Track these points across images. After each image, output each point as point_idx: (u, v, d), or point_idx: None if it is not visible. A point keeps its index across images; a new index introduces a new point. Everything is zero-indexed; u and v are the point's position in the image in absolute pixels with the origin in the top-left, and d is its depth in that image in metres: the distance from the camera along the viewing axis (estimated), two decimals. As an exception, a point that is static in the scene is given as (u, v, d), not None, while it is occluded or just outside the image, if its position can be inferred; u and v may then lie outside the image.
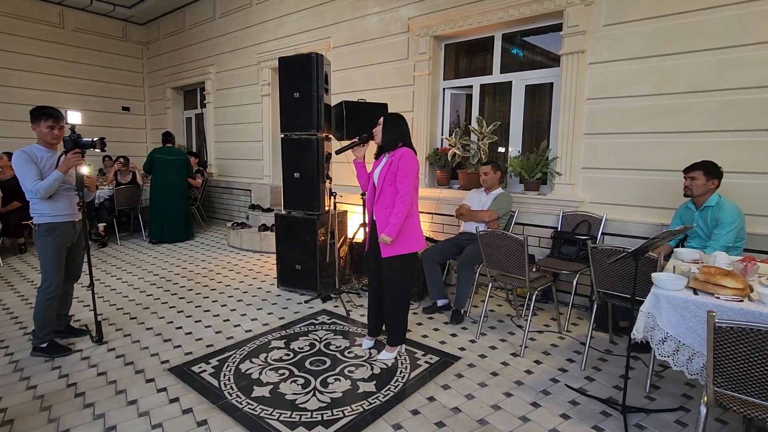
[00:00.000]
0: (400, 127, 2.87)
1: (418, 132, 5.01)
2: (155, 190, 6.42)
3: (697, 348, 1.92)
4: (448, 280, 4.57)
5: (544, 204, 4.17)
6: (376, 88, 5.36)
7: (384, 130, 2.86)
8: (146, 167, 6.45)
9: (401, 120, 2.89)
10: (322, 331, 3.41)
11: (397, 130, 2.85)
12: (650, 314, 2.04)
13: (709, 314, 1.63)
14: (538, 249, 4.20)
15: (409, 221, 2.83)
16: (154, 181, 6.42)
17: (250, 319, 3.67)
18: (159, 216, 6.48)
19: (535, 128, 4.57)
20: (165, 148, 6.53)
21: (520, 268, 3.09)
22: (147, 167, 6.44)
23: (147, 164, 6.43)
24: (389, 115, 2.92)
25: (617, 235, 3.80)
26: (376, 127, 2.90)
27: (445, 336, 3.38)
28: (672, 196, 3.45)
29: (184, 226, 6.69)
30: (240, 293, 4.33)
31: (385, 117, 2.89)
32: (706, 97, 3.35)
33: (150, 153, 6.49)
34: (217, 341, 3.23)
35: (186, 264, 5.41)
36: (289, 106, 4.17)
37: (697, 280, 2.01)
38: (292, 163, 4.24)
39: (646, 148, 3.65)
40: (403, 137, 2.86)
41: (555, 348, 3.20)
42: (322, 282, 4.23)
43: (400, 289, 2.90)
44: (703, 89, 3.36)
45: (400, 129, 2.86)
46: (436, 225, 4.93)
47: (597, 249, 2.72)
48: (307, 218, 4.21)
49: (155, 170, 6.40)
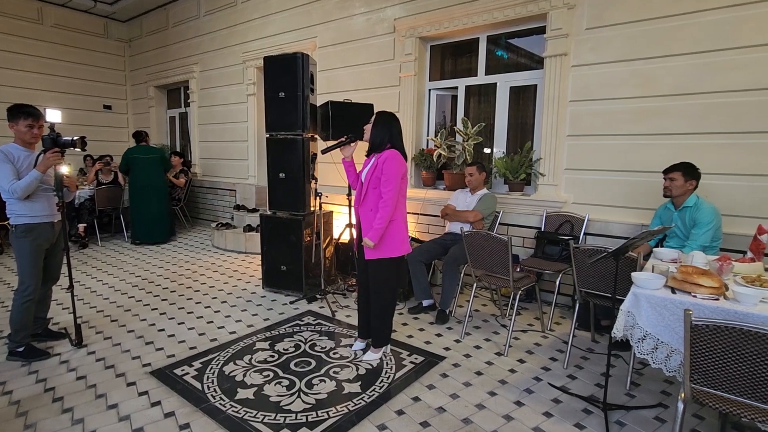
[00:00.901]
0: (391, 126, 2.81)
1: (405, 133, 4.89)
2: (134, 190, 6.29)
3: (675, 346, 1.96)
4: (434, 280, 4.59)
5: (528, 204, 4.21)
6: (363, 88, 5.36)
7: (374, 129, 2.80)
8: (122, 168, 6.34)
9: (393, 119, 2.84)
10: (308, 332, 3.40)
11: (388, 129, 2.79)
12: (630, 313, 2.08)
13: (686, 312, 1.67)
14: (522, 249, 4.24)
15: (393, 225, 2.79)
16: (133, 181, 6.29)
17: (234, 320, 3.64)
18: (140, 217, 6.36)
19: (519, 129, 4.62)
20: (140, 147, 6.38)
21: (504, 268, 3.12)
22: (123, 168, 6.32)
23: (123, 165, 6.31)
24: (381, 113, 2.86)
25: (599, 236, 3.86)
26: (367, 124, 2.85)
27: (431, 336, 3.39)
28: (652, 196, 3.52)
29: (166, 226, 6.57)
30: (224, 294, 4.29)
31: (377, 115, 2.84)
32: (687, 100, 3.42)
33: (124, 153, 6.34)
34: (201, 343, 3.20)
35: (169, 265, 5.34)
36: (275, 106, 4.15)
37: (675, 279, 2.06)
38: (278, 163, 4.21)
39: (628, 150, 3.71)
40: (392, 138, 2.80)
41: (538, 347, 3.24)
42: (307, 283, 4.21)
43: (385, 291, 2.90)
44: (684, 92, 3.43)
45: (391, 129, 2.80)
46: (422, 225, 4.95)
47: (579, 249, 2.76)
48: (293, 219, 4.19)
49: (132, 171, 6.26)
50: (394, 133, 2.82)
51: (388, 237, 2.79)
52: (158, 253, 5.98)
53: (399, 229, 2.83)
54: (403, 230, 2.86)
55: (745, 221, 3.19)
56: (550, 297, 3.97)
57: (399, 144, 2.83)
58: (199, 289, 4.46)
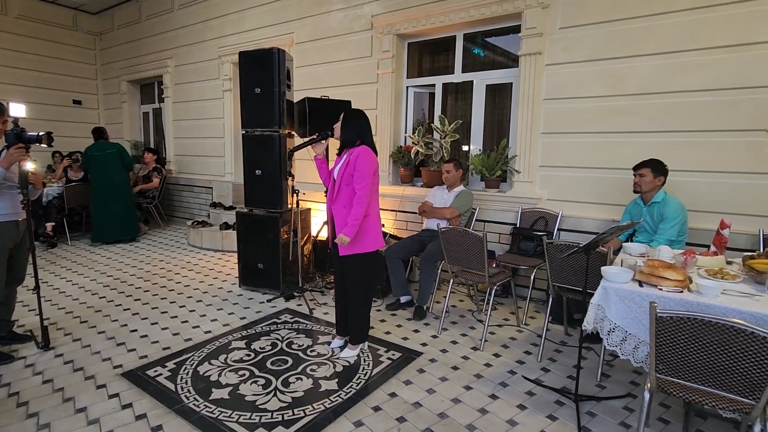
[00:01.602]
0: (360, 123, 2.82)
1: (382, 130, 5.02)
2: (95, 189, 6.04)
3: (642, 337, 2.02)
4: (412, 276, 4.61)
5: (504, 201, 4.27)
6: (341, 85, 5.32)
7: (343, 127, 2.81)
8: (84, 167, 6.21)
9: (361, 116, 2.85)
10: (285, 330, 3.37)
11: (357, 126, 2.80)
12: (600, 306, 2.13)
13: (651, 305, 1.71)
14: (498, 245, 4.30)
15: (366, 220, 2.80)
16: (93, 179, 6.07)
17: (209, 319, 3.58)
18: (100, 216, 6.09)
19: (495, 127, 4.67)
20: (98, 143, 6.15)
21: (480, 264, 3.15)
22: (84, 167, 6.21)
23: (84, 164, 6.19)
24: (349, 110, 2.89)
25: (573, 231, 3.94)
26: (337, 123, 2.86)
27: (408, 332, 3.41)
28: (623, 193, 3.61)
29: (127, 223, 6.31)
30: (200, 293, 4.22)
31: (345, 113, 2.86)
32: (653, 99, 3.52)
33: (84, 152, 6.20)
34: (175, 343, 3.14)
35: (142, 264, 5.22)
36: (250, 102, 4.09)
37: (642, 272, 2.11)
38: (254, 160, 4.16)
39: (600, 147, 3.79)
40: (362, 134, 2.81)
41: (513, 341, 3.29)
42: (285, 281, 4.18)
43: (362, 287, 2.90)
44: (650, 91, 3.52)
45: (360, 125, 2.81)
46: (400, 222, 4.96)
47: (552, 244, 2.81)
48: (270, 216, 4.15)
49: (92, 169, 6.06)
50: (364, 130, 2.83)
51: (361, 232, 2.79)
52: (131, 252, 5.83)
53: (372, 225, 2.83)
54: (376, 225, 2.86)
55: (709, 216, 3.30)
56: (525, 292, 4.04)
57: (369, 140, 2.84)
58: (174, 288, 4.38)
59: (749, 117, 3.19)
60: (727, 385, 1.68)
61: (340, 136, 2.83)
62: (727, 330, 1.60)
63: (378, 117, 5.03)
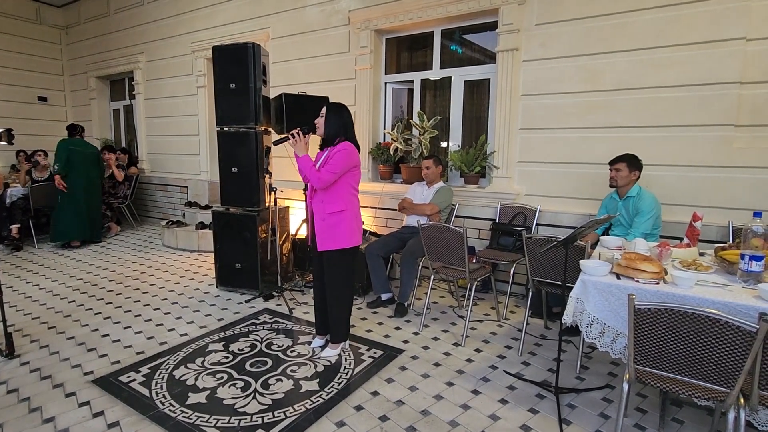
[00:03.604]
0: (343, 117, 2.79)
1: (361, 126, 4.98)
2: (71, 184, 5.70)
3: (620, 329, 2.05)
4: (392, 273, 4.60)
5: (483, 197, 4.29)
6: (318, 81, 5.26)
7: (327, 122, 2.77)
8: (61, 159, 5.60)
9: (343, 110, 2.82)
10: (264, 331, 3.32)
11: (340, 121, 2.78)
12: (579, 299, 2.15)
13: (630, 297, 1.74)
14: (478, 241, 4.32)
15: (344, 216, 2.78)
16: (71, 175, 5.69)
17: (186, 322, 3.50)
18: (68, 213, 5.75)
19: (474, 123, 4.69)
20: (78, 140, 5.87)
21: (460, 259, 3.16)
22: (63, 159, 5.61)
23: (62, 157, 5.60)
24: (332, 104, 2.84)
25: (550, 226, 3.99)
26: (318, 118, 2.82)
27: (390, 330, 3.40)
28: (599, 187, 3.67)
29: (96, 225, 6.14)
30: (175, 295, 4.12)
31: (328, 106, 2.81)
32: (628, 95, 3.58)
33: (61, 145, 5.67)
34: (149, 347, 3.05)
35: (115, 266, 5.06)
36: (225, 98, 4.01)
37: (619, 265, 2.15)
38: (230, 157, 4.08)
39: (576, 143, 3.84)
40: (345, 129, 2.79)
41: (494, 336, 3.31)
42: (263, 280, 4.11)
43: (341, 284, 2.87)
44: (626, 87, 3.58)
45: (343, 120, 2.79)
46: (380, 219, 4.94)
47: (531, 239, 2.84)
48: (247, 215, 4.08)
49: (72, 163, 5.69)
50: (347, 124, 2.81)
51: (338, 228, 2.77)
52: (102, 254, 5.65)
53: (350, 220, 2.81)
54: (354, 222, 2.84)
55: (682, 209, 3.38)
56: (505, 287, 4.07)
57: (352, 135, 2.82)
58: (148, 290, 4.26)
59: (719, 112, 3.28)
60: (702, 374, 1.71)
61: (324, 132, 2.79)
62: (702, 320, 1.63)
63: (356, 113, 4.99)
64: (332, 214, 2.76)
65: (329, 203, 2.76)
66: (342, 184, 2.76)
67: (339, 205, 2.77)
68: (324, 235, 2.79)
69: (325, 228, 2.78)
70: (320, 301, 3.02)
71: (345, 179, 2.77)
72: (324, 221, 2.77)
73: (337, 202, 2.76)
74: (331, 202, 2.76)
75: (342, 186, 2.77)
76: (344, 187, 2.78)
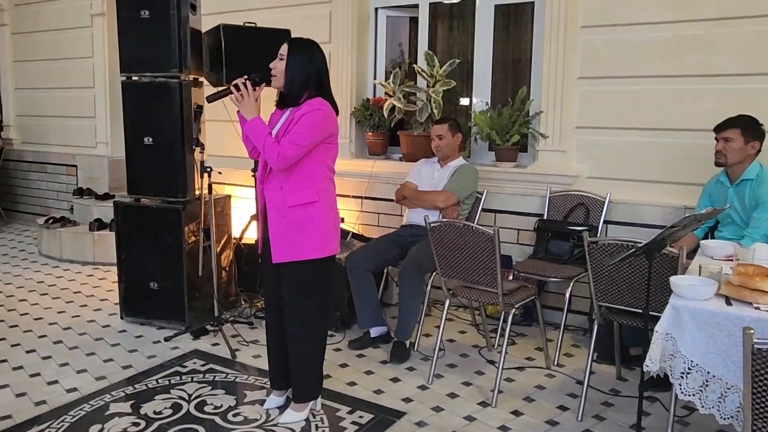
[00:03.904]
0: (314, 60, 2.78)
1: (338, 75, 4.96)
2: None
3: (732, 381, 2.03)
4: (387, 297, 4.60)
5: (524, 180, 4.29)
6: (274, 6, 5.27)
7: (288, 66, 2.75)
8: None
9: (314, 49, 2.81)
10: (193, 384, 3.31)
11: (309, 66, 2.76)
12: (669, 335, 2.13)
13: (746, 332, 1.71)
14: (517, 247, 4.32)
15: (315, 210, 2.77)
16: None
17: (74, 371, 3.49)
18: None
19: (510, 69, 4.70)
20: None
21: (489, 276, 3.14)
22: None
23: None
24: (296, 41, 2.84)
25: (626, 224, 3.99)
26: (276, 60, 2.79)
27: (383, 382, 3.39)
28: (699, 166, 3.65)
29: None
30: (59, 330, 4.11)
31: (291, 44, 2.79)
32: (741, 27, 3.57)
33: None
34: (19, 410, 3.02)
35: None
36: (134, 32, 4.01)
37: (730, 284, 2.12)
38: (141, 122, 4.08)
39: (664, 99, 3.84)
40: (318, 78, 2.78)
41: (541, 391, 3.30)
42: (192, 308, 4.11)
43: (309, 314, 2.86)
44: (736, 15, 3.56)
45: (314, 64, 2.77)
46: (367, 215, 4.95)
47: (597, 244, 2.82)
48: (167, 208, 4.08)
49: None
50: (320, 72, 2.79)
51: (306, 229, 2.76)
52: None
53: (323, 218, 2.80)
54: (329, 219, 2.85)
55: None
56: (557, 317, 4.06)
57: (326, 89, 2.82)
58: (18, 322, 4.25)
59: None
60: None
61: (284, 83, 2.76)
62: None
63: (332, 55, 4.96)
64: (296, 207, 2.75)
65: (292, 191, 2.74)
66: (312, 162, 2.75)
67: (307, 195, 2.76)
68: (283, 239, 2.77)
69: (286, 229, 2.76)
70: (277, 340, 3.00)
71: (317, 155, 2.76)
72: (284, 218, 2.76)
73: (305, 190, 2.75)
74: (294, 189, 2.74)
75: (311, 165, 2.76)
76: (315, 167, 2.77)
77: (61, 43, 7.03)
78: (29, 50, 7.37)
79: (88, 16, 6.68)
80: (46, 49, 7.19)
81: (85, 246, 5.88)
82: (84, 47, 6.81)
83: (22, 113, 7.61)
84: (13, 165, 7.72)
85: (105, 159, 6.80)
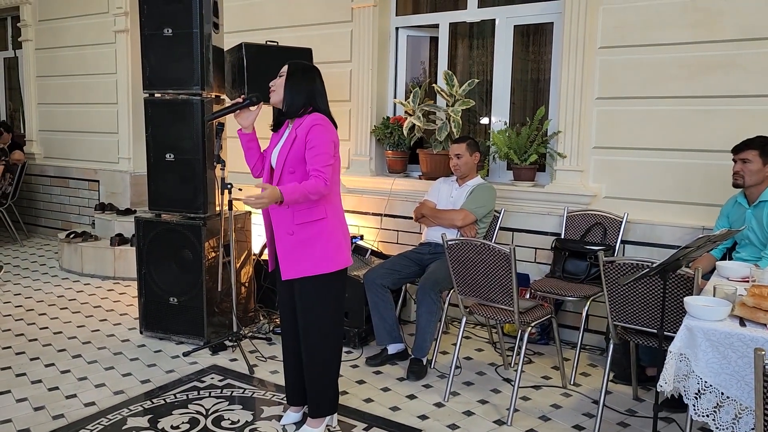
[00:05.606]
0: (312, 81, 2.85)
1: (359, 93, 5.03)
2: None
3: (746, 402, 2.03)
4: (405, 314, 4.62)
5: (542, 200, 4.32)
6: (297, 25, 5.33)
7: (287, 85, 2.81)
8: None
9: (313, 72, 2.90)
10: (211, 399, 3.34)
11: (307, 86, 2.83)
12: (683, 356, 2.15)
13: (757, 353, 1.73)
14: (534, 266, 4.34)
15: (325, 226, 2.79)
16: None
17: (93, 384, 3.53)
18: None
19: (528, 89, 4.72)
20: None
21: (506, 294, 3.16)
22: None
23: None
24: (295, 64, 2.90)
25: (644, 244, 4.00)
26: (275, 79, 2.87)
27: (400, 399, 3.41)
28: (717, 187, 3.67)
29: None
30: (78, 344, 4.16)
31: (290, 66, 2.87)
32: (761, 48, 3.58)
33: None
34: (37, 423, 3.07)
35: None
36: (157, 50, 4.08)
37: (744, 305, 2.14)
38: (163, 138, 4.14)
39: (682, 120, 3.85)
40: (314, 97, 2.84)
41: (557, 410, 3.31)
42: (211, 323, 4.15)
43: (325, 329, 2.88)
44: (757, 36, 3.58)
45: (312, 85, 2.85)
46: (387, 233, 4.97)
47: (614, 264, 2.84)
48: (188, 224, 4.13)
49: None
50: (318, 91, 2.86)
51: (316, 244, 2.78)
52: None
53: (333, 232, 2.82)
54: (339, 233, 2.87)
55: None
56: (574, 336, 4.06)
57: (324, 107, 2.88)
58: (38, 336, 4.30)
59: None
60: None
61: (283, 100, 2.82)
62: None
63: (353, 74, 5.04)
64: (306, 224, 2.78)
65: (300, 209, 2.75)
66: None
67: (316, 212, 2.78)
68: (293, 256, 2.79)
69: (295, 245, 2.79)
70: (293, 355, 3.03)
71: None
72: (292, 235, 2.77)
73: (313, 207, 2.77)
74: (302, 206, 2.75)
75: None
76: None
77: (85, 59, 7.11)
78: (53, 66, 7.45)
79: (112, 32, 6.76)
80: (69, 64, 7.28)
81: (106, 261, 5.93)
82: (107, 63, 6.89)
83: (45, 128, 7.69)
84: (35, 180, 7.78)
85: (127, 175, 6.86)
